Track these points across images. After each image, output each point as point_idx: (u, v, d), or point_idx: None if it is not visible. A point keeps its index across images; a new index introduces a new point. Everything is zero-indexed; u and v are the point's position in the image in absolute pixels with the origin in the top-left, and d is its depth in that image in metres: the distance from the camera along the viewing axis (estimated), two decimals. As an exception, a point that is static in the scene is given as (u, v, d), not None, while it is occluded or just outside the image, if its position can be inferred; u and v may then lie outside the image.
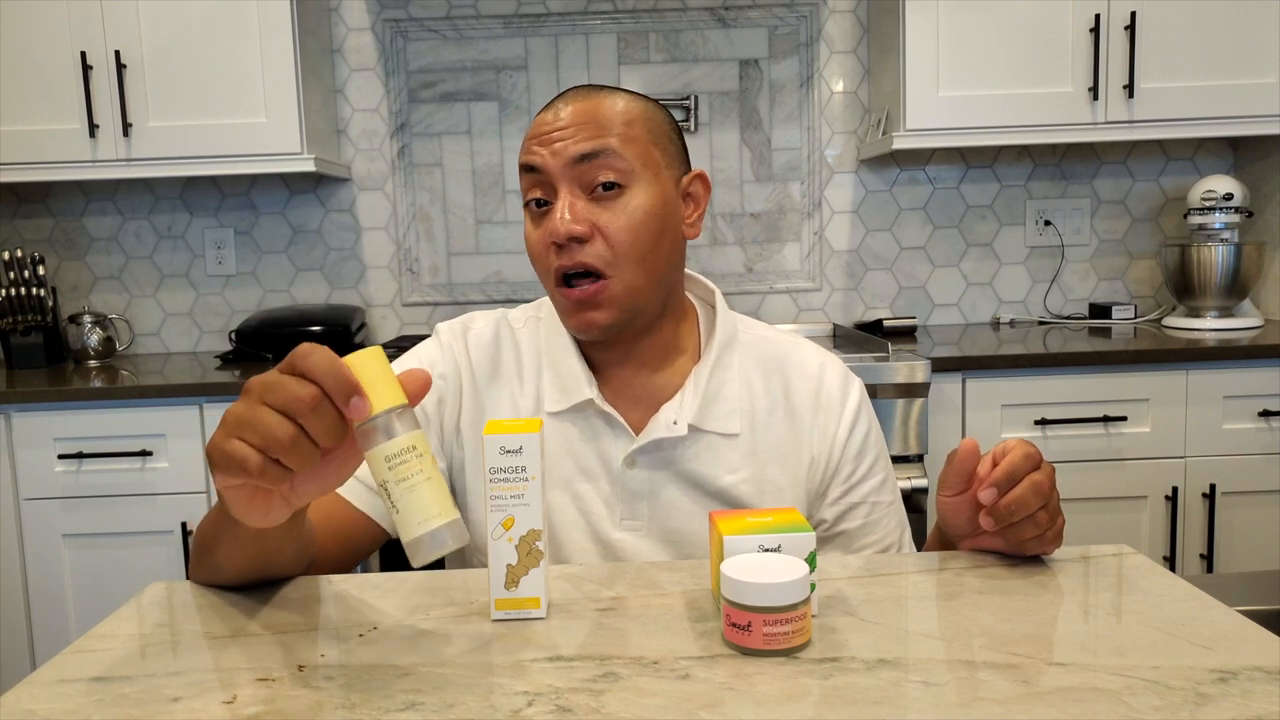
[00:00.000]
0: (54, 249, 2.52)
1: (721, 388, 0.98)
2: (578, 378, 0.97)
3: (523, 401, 0.99)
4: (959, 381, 1.99)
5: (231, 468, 0.62)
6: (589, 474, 0.97)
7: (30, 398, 1.96)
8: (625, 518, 0.96)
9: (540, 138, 0.92)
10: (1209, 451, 2.01)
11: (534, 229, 0.94)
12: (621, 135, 0.91)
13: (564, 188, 0.90)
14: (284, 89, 2.16)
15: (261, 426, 0.61)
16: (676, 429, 0.95)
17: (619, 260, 0.90)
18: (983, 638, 0.67)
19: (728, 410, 0.97)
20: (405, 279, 2.55)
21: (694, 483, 0.96)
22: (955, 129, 2.18)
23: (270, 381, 0.63)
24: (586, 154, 0.90)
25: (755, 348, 1.02)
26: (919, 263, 2.56)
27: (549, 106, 0.95)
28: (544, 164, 0.91)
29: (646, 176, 0.92)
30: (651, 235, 0.91)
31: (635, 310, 0.93)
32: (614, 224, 0.90)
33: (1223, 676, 0.60)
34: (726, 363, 0.99)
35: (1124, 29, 2.13)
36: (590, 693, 0.61)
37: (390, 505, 0.64)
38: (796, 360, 1.01)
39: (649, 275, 0.92)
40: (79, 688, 0.64)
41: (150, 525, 1.98)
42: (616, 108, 0.92)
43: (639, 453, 0.96)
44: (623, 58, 2.48)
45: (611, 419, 0.96)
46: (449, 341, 1.01)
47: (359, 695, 0.61)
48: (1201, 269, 2.26)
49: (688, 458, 0.96)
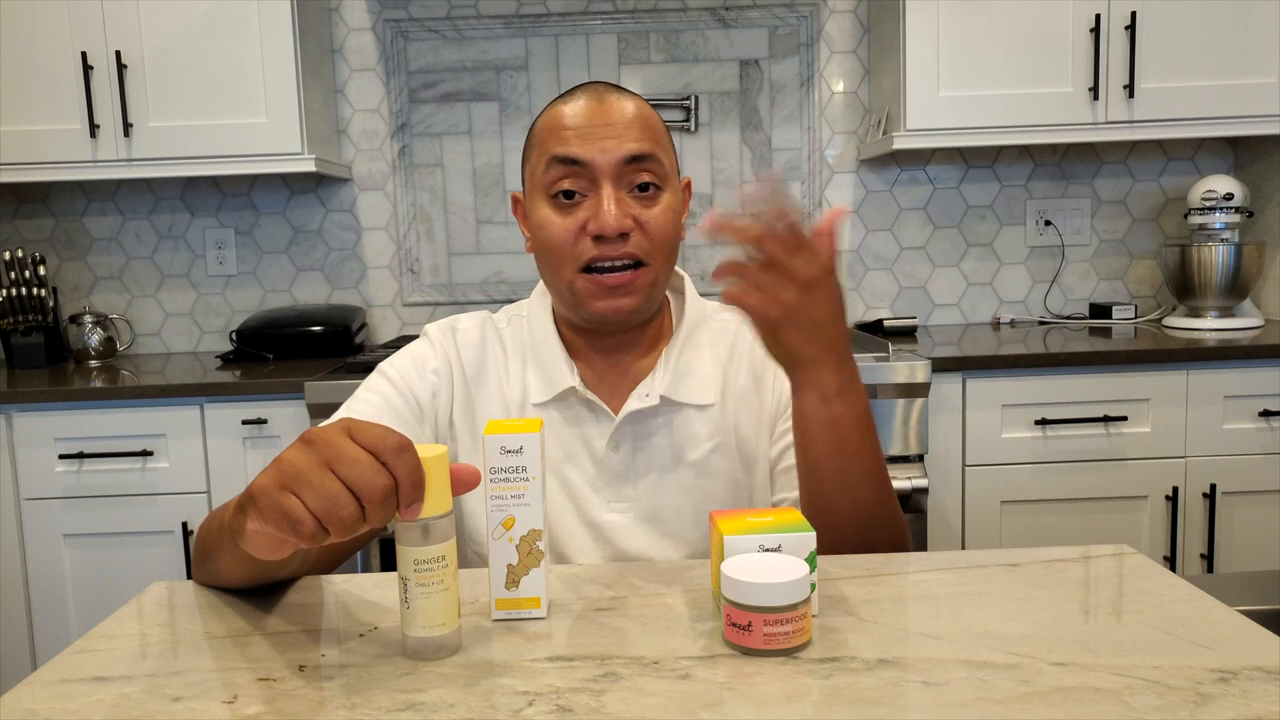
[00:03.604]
0: (55, 249, 2.52)
1: (693, 364, 1.02)
2: (560, 367, 1.01)
3: (510, 394, 1.03)
4: (959, 381, 1.98)
5: (281, 524, 0.59)
6: (575, 460, 1.00)
7: (31, 398, 1.96)
8: (612, 500, 1.00)
9: (579, 131, 0.94)
10: (1209, 451, 2.01)
11: (560, 218, 0.95)
12: (659, 142, 0.97)
13: (608, 183, 0.94)
14: (284, 89, 2.16)
15: (328, 498, 0.58)
16: (649, 400, 0.99)
17: (655, 252, 0.96)
18: (983, 638, 0.67)
19: (699, 383, 1.02)
20: (406, 279, 2.55)
21: (674, 457, 1.00)
22: (955, 129, 2.18)
23: (346, 452, 0.59)
24: (638, 155, 0.95)
25: (727, 325, 1.07)
26: (919, 263, 2.56)
27: (573, 99, 0.96)
28: (591, 159, 0.94)
29: (673, 180, 1.00)
30: (676, 232, 0.99)
31: (655, 298, 0.99)
32: (653, 220, 0.96)
33: (1223, 676, 0.60)
34: (696, 341, 1.04)
35: (1124, 29, 2.13)
36: (590, 693, 0.61)
37: (403, 599, 0.66)
38: None
39: (670, 268, 1.00)
40: (80, 688, 0.64)
41: (151, 525, 1.98)
42: (645, 113, 0.98)
43: (620, 433, 1.00)
44: (623, 58, 2.48)
45: (594, 405, 1.00)
46: (438, 339, 1.05)
47: (359, 695, 0.62)
48: (1202, 269, 2.26)
49: (665, 432, 1.00)
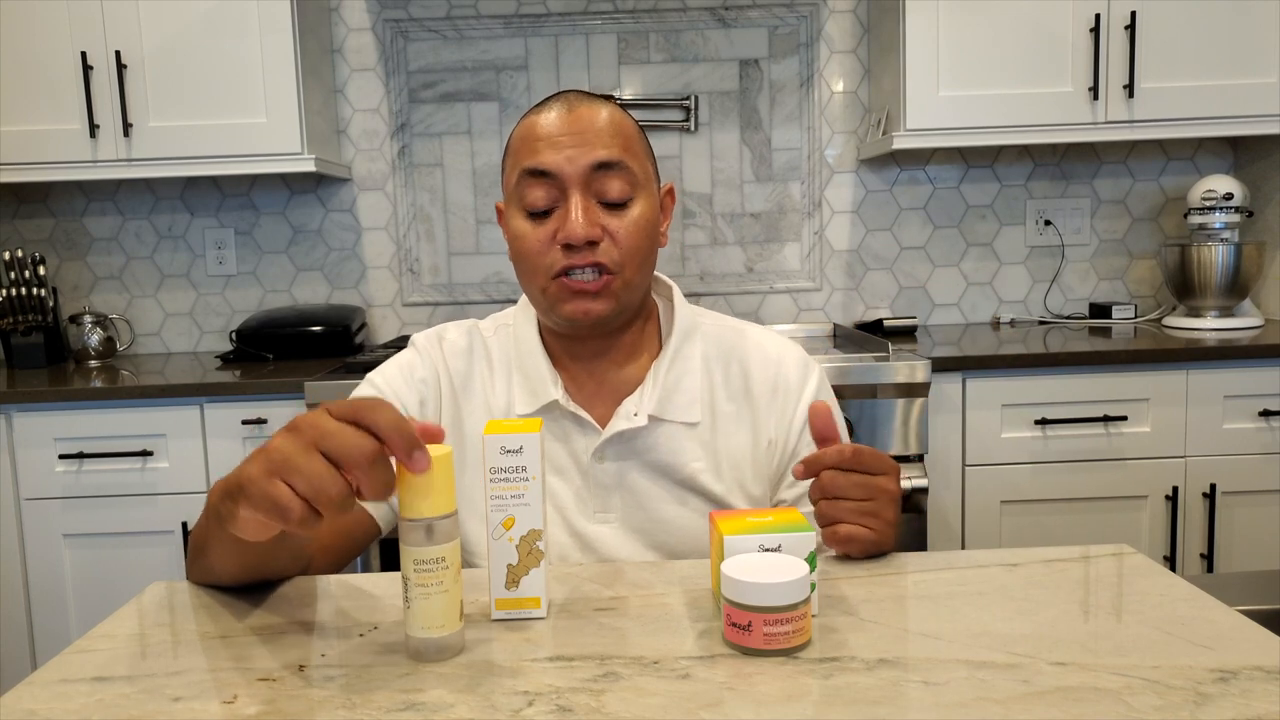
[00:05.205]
0: (54, 249, 2.52)
1: (681, 379, 1.01)
2: (544, 380, 1.00)
3: (495, 403, 1.03)
4: (959, 381, 1.98)
5: (269, 511, 0.58)
6: (561, 470, 1.01)
7: (31, 398, 1.96)
8: (598, 510, 1.00)
9: (549, 141, 0.94)
10: (1209, 451, 2.01)
11: (532, 228, 0.96)
12: (630, 149, 0.96)
13: (576, 192, 0.94)
14: (284, 89, 2.16)
15: (314, 478, 0.58)
16: (636, 420, 0.99)
17: (625, 261, 0.95)
18: (983, 638, 0.67)
19: (687, 401, 1.01)
20: (406, 279, 2.55)
21: (660, 472, 1.00)
22: (955, 129, 2.18)
23: (327, 429, 0.59)
24: (605, 163, 0.94)
25: (716, 337, 1.05)
26: (919, 262, 2.56)
27: (545, 110, 0.96)
28: (559, 169, 0.93)
29: (647, 188, 0.98)
30: (649, 240, 0.98)
31: (626, 306, 0.98)
32: (623, 230, 0.95)
33: (1223, 676, 0.60)
34: (686, 354, 1.03)
35: (1124, 29, 2.13)
36: (590, 693, 0.61)
37: (405, 599, 0.66)
38: (755, 348, 1.05)
39: (643, 276, 0.99)
40: (79, 688, 0.64)
41: (151, 525, 1.98)
42: (617, 120, 0.97)
43: (606, 446, 0.99)
44: (623, 58, 2.48)
45: (578, 417, 1.00)
46: (426, 348, 1.05)
47: (359, 695, 0.62)
48: (1201, 269, 2.26)
49: (651, 448, 1.00)
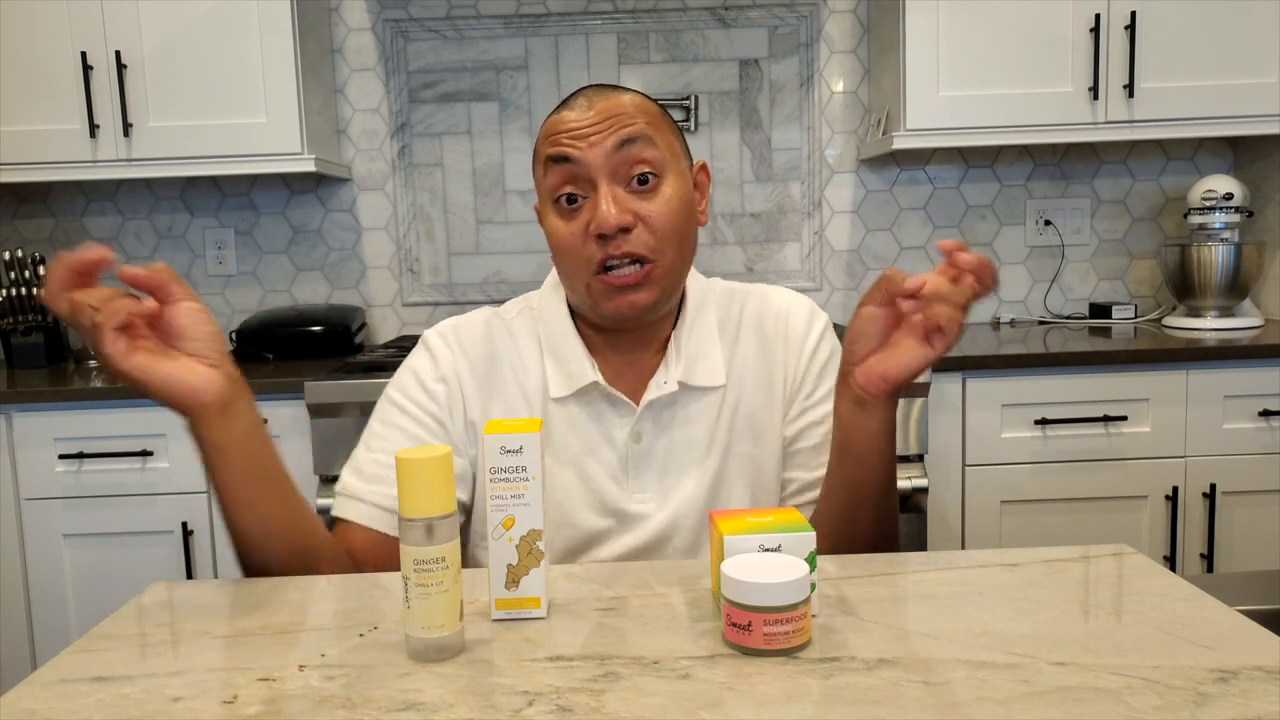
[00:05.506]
0: (54, 249, 2.52)
1: (702, 345, 1.02)
2: (581, 363, 1.00)
3: (528, 383, 1.02)
4: (959, 381, 1.98)
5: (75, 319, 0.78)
6: (596, 452, 1.00)
7: (31, 398, 1.96)
8: (635, 491, 1.00)
9: (570, 132, 0.94)
10: (1209, 451, 2.01)
11: (565, 224, 0.95)
12: (654, 124, 0.96)
13: (603, 181, 0.93)
14: (284, 89, 2.16)
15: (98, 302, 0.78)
16: (668, 387, 0.99)
17: (661, 246, 0.95)
18: (983, 638, 0.67)
19: (711, 365, 1.02)
20: (406, 279, 2.55)
21: (694, 442, 1.01)
22: (955, 129, 2.18)
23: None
24: (625, 139, 0.93)
25: (727, 299, 1.07)
26: (919, 263, 2.56)
27: (570, 104, 0.97)
28: (581, 156, 0.93)
29: (675, 166, 0.97)
30: (685, 221, 0.97)
31: (671, 291, 0.98)
32: (655, 212, 0.94)
33: (1223, 676, 0.60)
34: (703, 320, 1.03)
35: (1124, 29, 2.13)
36: (590, 693, 0.61)
37: (405, 599, 0.67)
38: (764, 302, 1.07)
39: (684, 258, 0.98)
40: (79, 688, 0.64)
41: (150, 525, 1.98)
42: (639, 101, 0.97)
43: (641, 424, 1.00)
44: (623, 58, 2.48)
45: (615, 399, 1.00)
46: (439, 346, 1.03)
47: (359, 695, 0.62)
48: (1201, 269, 2.26)
49: (684, 418, 1.01)
